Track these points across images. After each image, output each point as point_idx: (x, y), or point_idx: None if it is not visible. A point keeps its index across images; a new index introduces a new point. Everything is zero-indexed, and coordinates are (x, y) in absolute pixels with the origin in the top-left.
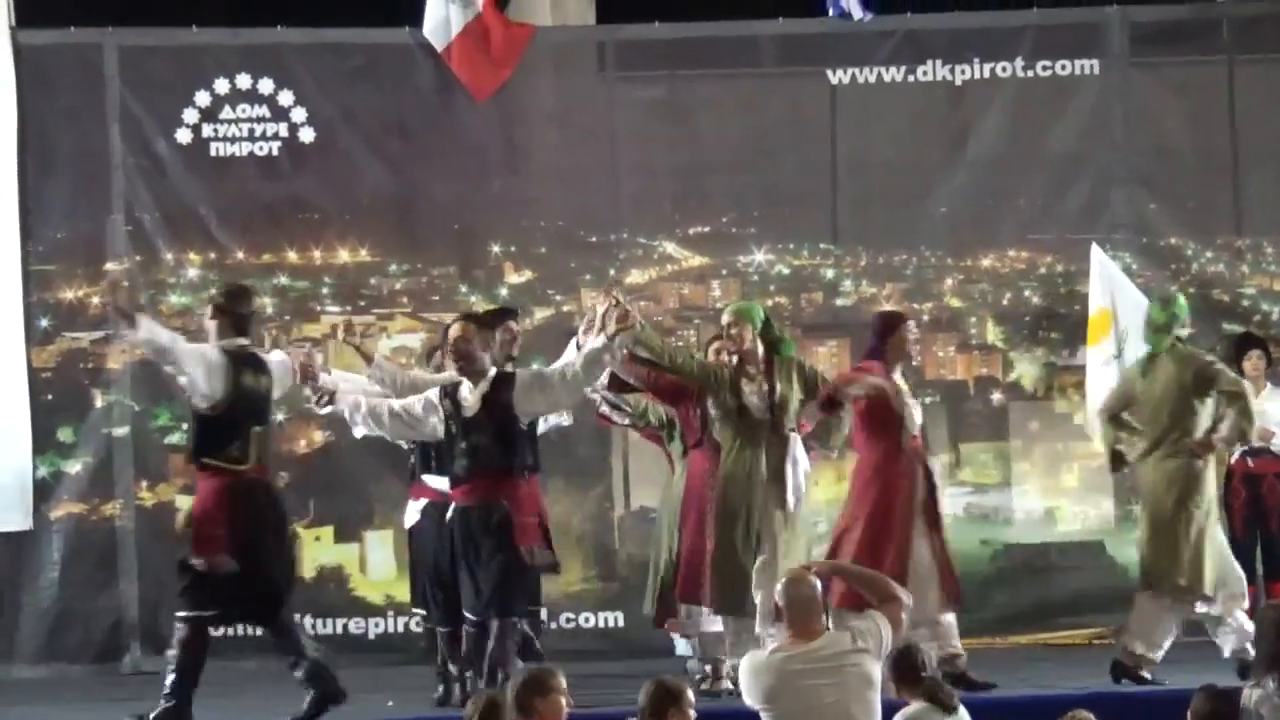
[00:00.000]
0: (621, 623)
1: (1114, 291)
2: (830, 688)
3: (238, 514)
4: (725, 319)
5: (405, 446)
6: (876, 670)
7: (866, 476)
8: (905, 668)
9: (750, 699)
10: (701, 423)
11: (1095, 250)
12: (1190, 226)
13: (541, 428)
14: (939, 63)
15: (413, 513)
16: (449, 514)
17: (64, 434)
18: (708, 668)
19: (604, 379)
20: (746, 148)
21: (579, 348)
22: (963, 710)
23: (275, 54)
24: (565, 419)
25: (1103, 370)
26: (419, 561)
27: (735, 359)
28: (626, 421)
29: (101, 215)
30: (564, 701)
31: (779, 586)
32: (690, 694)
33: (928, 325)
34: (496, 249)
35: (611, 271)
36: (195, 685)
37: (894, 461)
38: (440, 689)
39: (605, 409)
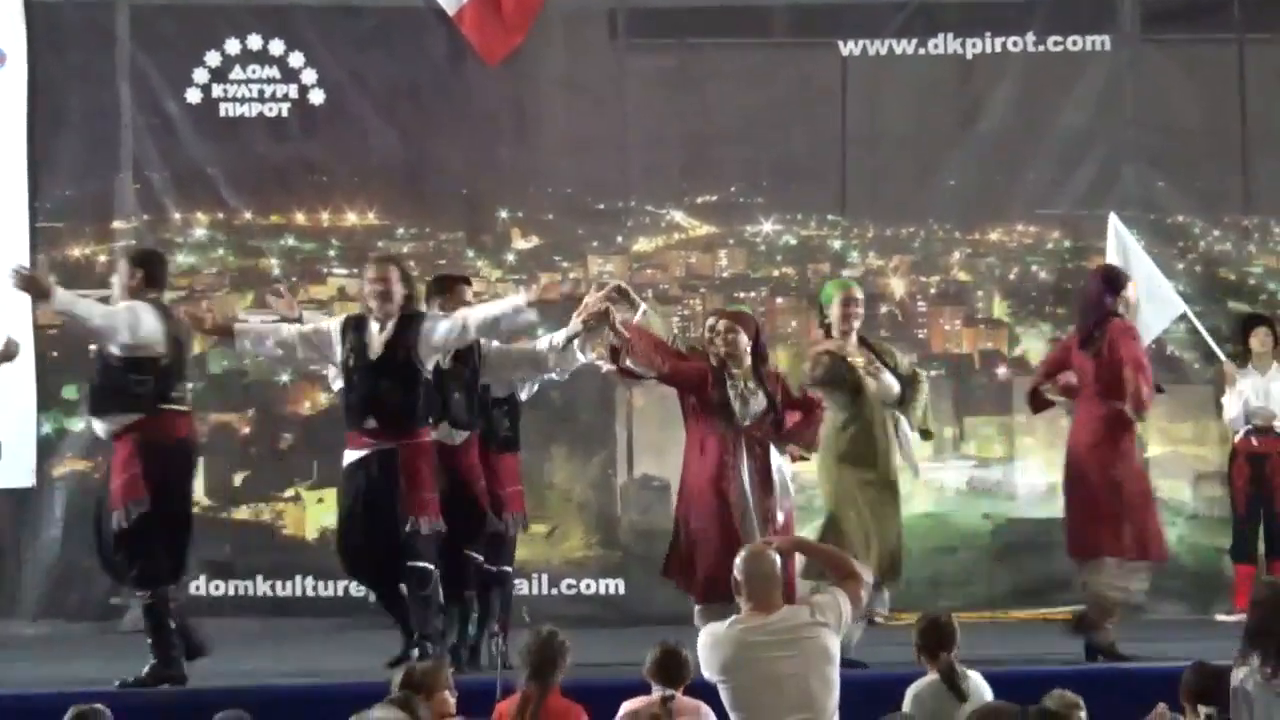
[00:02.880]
0: (623, 590)
1: (1130, 262)
2: (789, 660)
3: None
4: (721, 324)
5: None
6: (835, 644)
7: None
8: (931, 639)
9: (708, 671)
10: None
11: (1113, 220)
12: (1198, 205)
13: (524, 394)
14: (950, 36)
15: None
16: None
17: (68, 391)
18: None
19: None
20: (756, 118)
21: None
22: (979, 685)
23: (287, 15)
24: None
25: None
26: None
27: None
28: (653, 375)
29: (110, 174)
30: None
31: (738, 560)
32: (691, 657)
33: (934, 298)
34: (504, 215)
35: (619, 239)
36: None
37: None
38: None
39: (629, 363)
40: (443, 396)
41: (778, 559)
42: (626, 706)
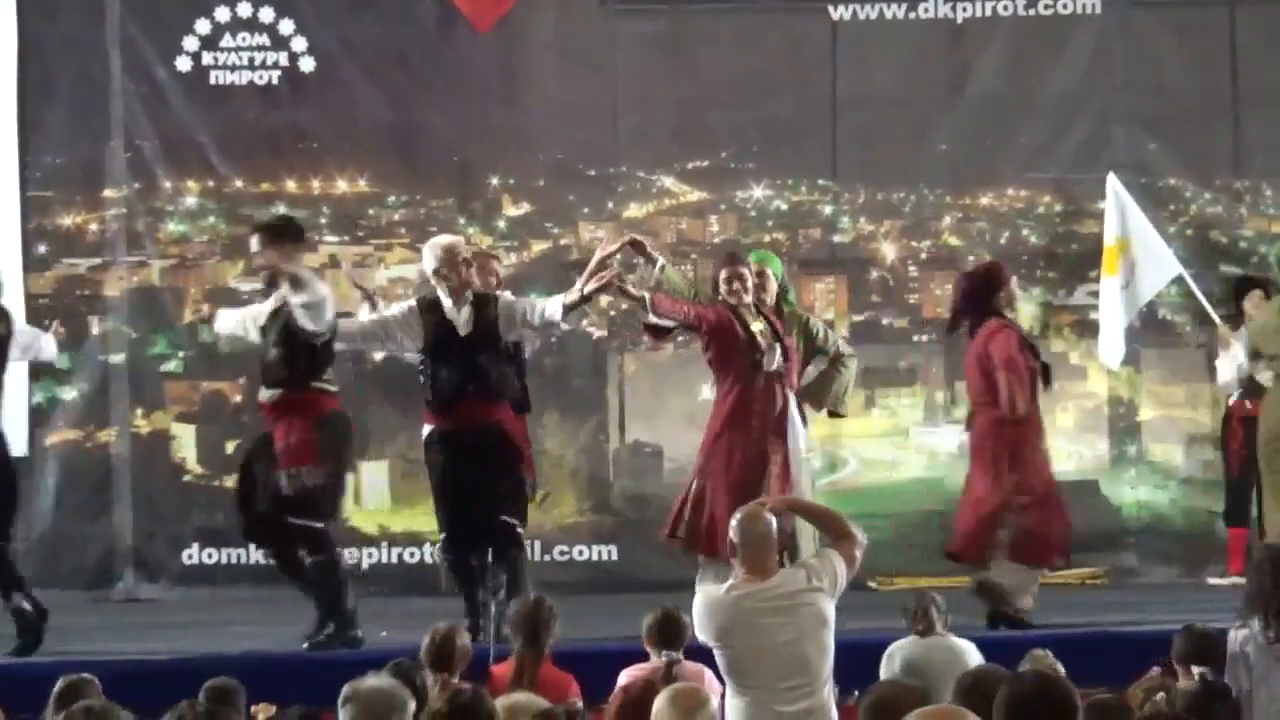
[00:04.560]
0: (615, 556)
1: (1127, 224)
2: (785, 626)
3: None
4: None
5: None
6: (831, 609)
7: None
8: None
9: (704, 636)
10: None
11: (1111, 180)
12: (1189, 168)
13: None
14: (940, 0)
15: None
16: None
17: (60, 360)
18: None
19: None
20: (746, 83)
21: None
22: (967, 650)
23: None
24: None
25: (1116, 300)
26: None
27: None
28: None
29: (101, 142)
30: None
31: (733, 523)
32: (688, 621)
33: (925, 263)
34: (495, 181)
35: (610, 205)
36: None
37: None
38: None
39: (652, 318)
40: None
41: (773, 521)
42: (626, 674)
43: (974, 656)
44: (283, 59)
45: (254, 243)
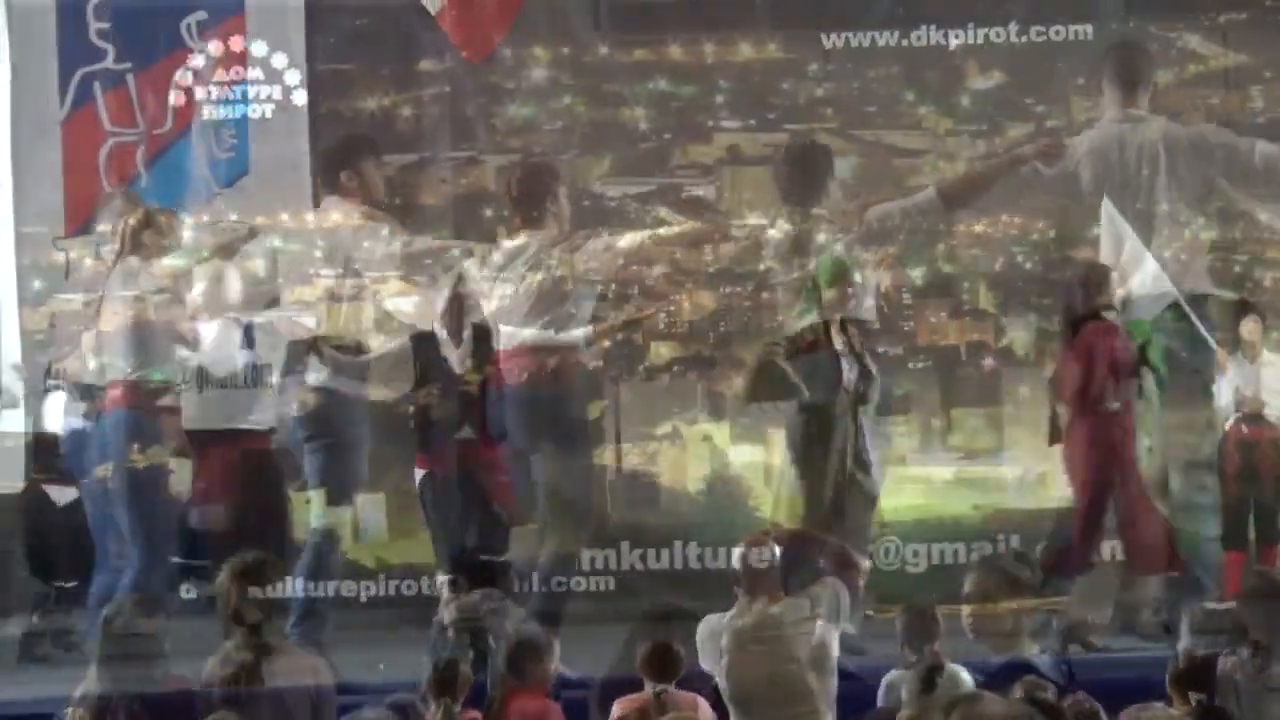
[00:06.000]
0: (612, 586)
1: (1123, 249)
2: (787, 653)
3: None
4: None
5: None
6: (833, 637)
7: None
8: (914, 631)
9: (706, 662)
10: None
11: (1106, 205)
12: (1185, 191)
13: None
14: (932, 28)
15: None
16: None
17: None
18: None
19: None
20: (741, 110)
21: None
22: (958, 675)
23: (270, 16)
24: None
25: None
26: None
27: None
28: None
29: (94, 177)
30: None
31: (738, 551)
32: (682, 652)
33: (920, 290)
34: (489, 213)
35: (605, 234)
36: None
37: None
38: None
39: None
40: None
41: (778, 550)
42: (619, 704)
43: (967, 682)
44: (276, 93)
45: None
